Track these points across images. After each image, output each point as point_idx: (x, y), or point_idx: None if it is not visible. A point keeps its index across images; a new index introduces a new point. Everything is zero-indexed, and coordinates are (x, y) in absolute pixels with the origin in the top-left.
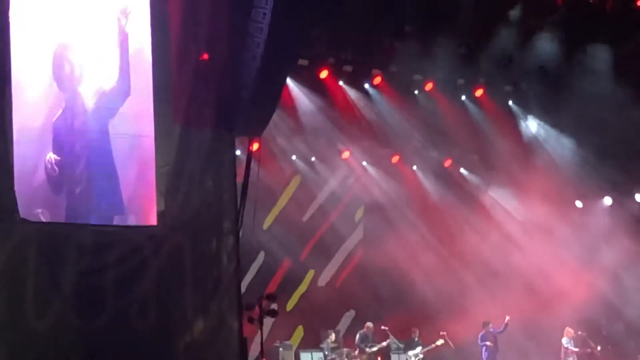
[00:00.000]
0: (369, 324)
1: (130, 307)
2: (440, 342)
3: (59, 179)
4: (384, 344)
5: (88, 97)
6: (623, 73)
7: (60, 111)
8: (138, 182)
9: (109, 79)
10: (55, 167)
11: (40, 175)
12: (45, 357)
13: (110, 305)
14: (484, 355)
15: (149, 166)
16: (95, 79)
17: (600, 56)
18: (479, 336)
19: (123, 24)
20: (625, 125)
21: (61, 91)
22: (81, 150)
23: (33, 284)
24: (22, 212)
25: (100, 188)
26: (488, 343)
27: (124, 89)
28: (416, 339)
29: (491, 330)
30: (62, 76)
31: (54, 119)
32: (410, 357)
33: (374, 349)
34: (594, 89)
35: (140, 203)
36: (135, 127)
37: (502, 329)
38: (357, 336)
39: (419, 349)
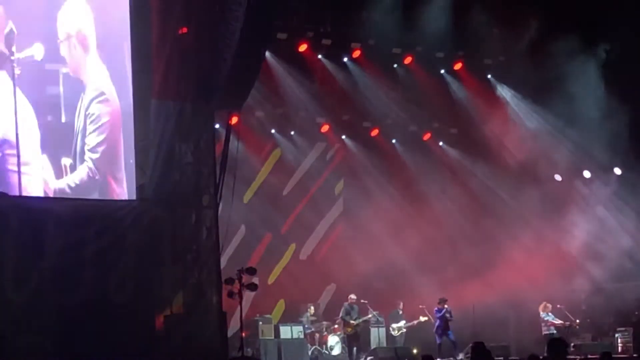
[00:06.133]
0: (353, 296)
1: (108, 281)
2: (423, 318)
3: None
4: (368, 317)
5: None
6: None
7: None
8: (117, 155)
9: (86, 52)
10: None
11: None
12: (22, 329)
13: (88, 278)
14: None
15: (128, 140)
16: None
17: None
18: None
19: None
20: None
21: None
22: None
23: (12, 256)
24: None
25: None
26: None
27: (101, 62)
28: (400, 312)
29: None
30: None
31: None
32: (394, 330)
33: (359, 320)
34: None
35: (119, 177)
36: (113, 100)
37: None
38: (342, 309)
39: (402, 323)
